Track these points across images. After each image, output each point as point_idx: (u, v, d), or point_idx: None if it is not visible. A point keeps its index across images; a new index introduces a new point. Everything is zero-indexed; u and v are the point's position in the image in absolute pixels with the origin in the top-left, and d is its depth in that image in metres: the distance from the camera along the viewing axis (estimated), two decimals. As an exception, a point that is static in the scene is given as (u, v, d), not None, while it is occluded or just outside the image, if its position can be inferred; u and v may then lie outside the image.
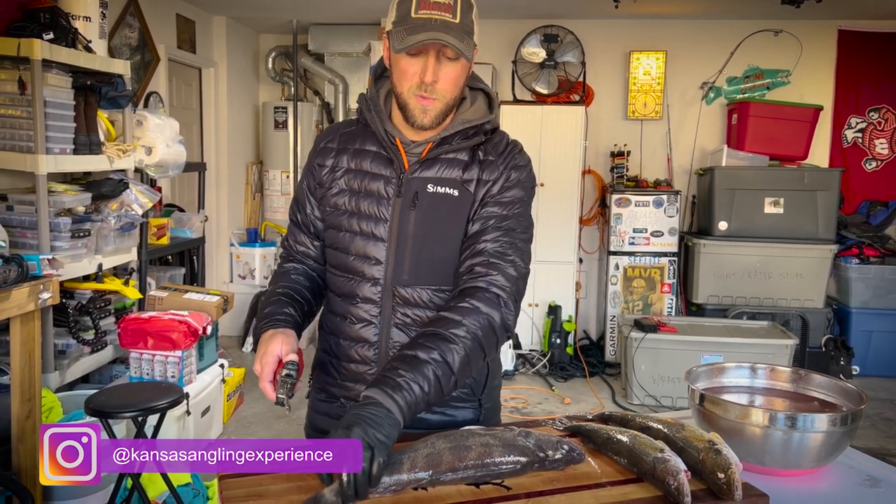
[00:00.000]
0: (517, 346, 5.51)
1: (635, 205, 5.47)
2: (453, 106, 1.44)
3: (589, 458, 1.24)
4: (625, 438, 1.23)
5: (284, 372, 1.31)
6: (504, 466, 1.15)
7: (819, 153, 5.77)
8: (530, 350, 5.58)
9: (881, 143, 5.85)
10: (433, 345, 1.26)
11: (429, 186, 1.45)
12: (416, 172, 1.46)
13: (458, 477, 1.14)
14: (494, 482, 1.15)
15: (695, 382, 1.51)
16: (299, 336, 1.45)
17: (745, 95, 5.82)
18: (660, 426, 1.27)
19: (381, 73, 1.55)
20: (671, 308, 5.54)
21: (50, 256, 2.81)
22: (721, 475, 1.10)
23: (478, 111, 1.49)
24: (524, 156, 1.50)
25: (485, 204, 1.44)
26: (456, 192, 1.45)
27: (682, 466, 1.11)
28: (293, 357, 1.34)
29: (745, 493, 1.11)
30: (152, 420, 2.73)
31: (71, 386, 3.31)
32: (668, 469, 1.11)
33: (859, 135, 5.86)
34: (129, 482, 2.75)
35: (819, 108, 5.48)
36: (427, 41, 1.32)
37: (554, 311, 5.42)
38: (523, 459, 1.16)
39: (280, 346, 1.35)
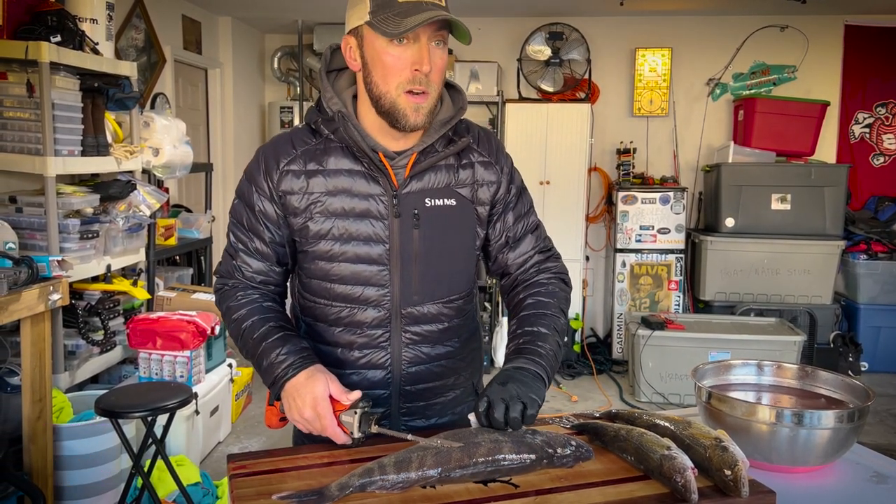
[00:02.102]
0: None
1: (642, 202, 5.46)
2: (439, 100, 1.35)
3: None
4: (632, 436, 1.23)
5: (360, 411, 1.24)
6: (513, 463, 1.16)
7: (826, 149, 5.75)
8: (537, 348, 5.58)
9: (889, 139, 5.82)
10: (547, 320, 1.39)
11: (426, 201, 1.38)
12: (409, 187, 1.37)
13: (468, 473, 1.14)
14: (502, 480, 1.15)
15: (701, 380, 1.51)
16: None
17: (752, 91, 5.80)
18: (667, 424, 1.27)
19: (329, 70, 1.43)
20: (678, 305, 5.53)
21: (59, 258, 2.83)
22: (728, 472, 1.10)
23: (448, 107, 1.40)
24: (501, 142, 1.54)
25: (503, 210, 1.48)
26: (453, 202, 1.40)
27: (689, 463, 1.12)
28: (357, 393, 1.26)
29: (752, 489, 1.11)
30: (161, 420, 2.74)
31: (80, 386, 3.33)
32: (675, 466, 1.11)
33: (867, 130, 5.84)
34: (139, 481, 2.77)
35: (826, 104, 5.46)
36: (433, 19, 1.21)
37: (561, 308, 5.41)
38: (532, 456, 1.17)
39: (325, 386, 1.26)
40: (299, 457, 1.26)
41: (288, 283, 1.53)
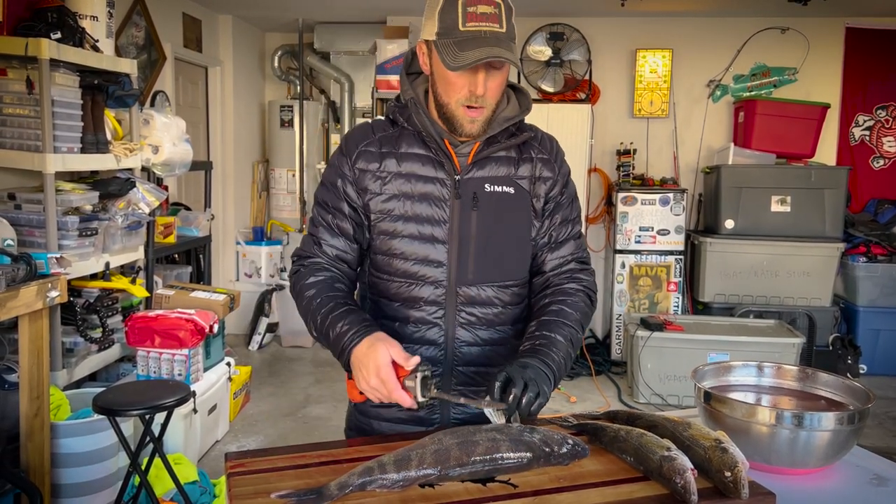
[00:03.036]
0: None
1: (641, 203, 5.46)
2: (496, 107, 1.46)
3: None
4: (631, 437, 1.23)
5: (420, 375, 1.29)
6: (511, 461, 1.16)
7: (826, 151, 5.75)
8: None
9: (889, 141, 5.82)
10: (565, 331, 1.44)
11: (486, 186, 1.48)
12: (471, 173, 1.48)
13: (467, 472, 1.14)
14: (501, 480, 1.15)
15: (701, 381, 1.51)
16: None
17: (752, 93, 5.80)
18: (666, 424, 1.27)
19: (410, 73, 1.55)
20: (677, 306, 5.53)
21: (58, 255, 2.83)
22: (728, 473, 1.10)
23: (514, 108, 1.52)
24: (562, 149, 1.62)
25: (554, 209, 1.55)
26: (512, 190, 1.50)
27: (689, 465, 1.11)
28: (416, 359, 1.31)
29: (752, 491, 1.10)
30: (159, 418, 2.74)
31: (78, 384, 3.33)
32: (675, 467, 1.11)
33: (867, 133, 5.84)
34: (136, 479, 2.76)
35: (826, 106, 5.46)
36: (485, 59, 1.32)
37: (560, 309, 5.40)
38: (529, 455, 1.17)
39: (386, 353, 1.30)
40: (298, 455, 1.26)
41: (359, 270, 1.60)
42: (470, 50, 1.32)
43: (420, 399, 1.29)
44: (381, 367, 1.29)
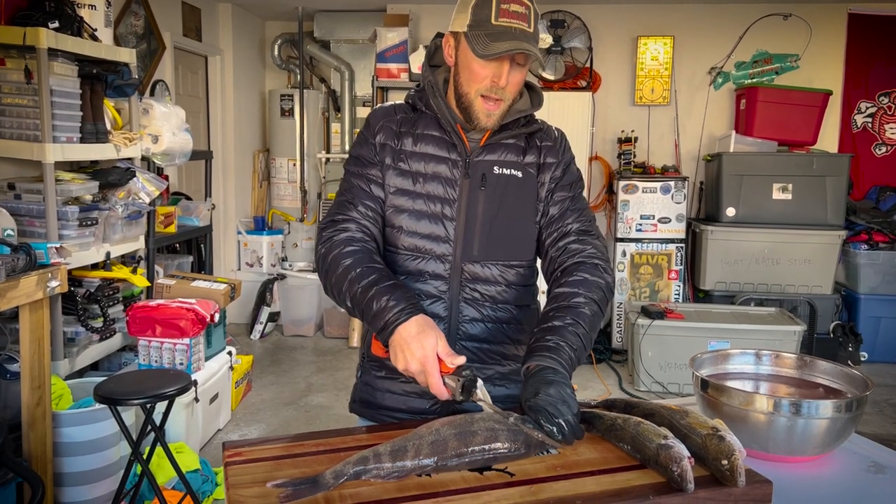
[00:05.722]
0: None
1: (642, 191, 5.45)
2: (511, 104, 1.53)
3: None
4: (628, 425, 1.23)
5: (463, 380, 1.27)
6: (510, 451, 1.16)
7: (828, 138, 5.74)
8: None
9: (891, 128, 5.80)
10: (564, 314, 1.40)
11: (494, 168, 1.55)
12: (481, 156, 1.55)
13: (465, 462, 1.14)
14: (497, 469, 1.15)
15: (699, 369, 1.51)
16: None
17: (754, 80, 5.78)
18: (664, 413, 1.27)
19: (431, 63, 1.62)
20: (678, 295, 5.53)
21: (58, 245, 2.83)
22: (724, 462, 1.10)
23: (526, 102, 1.60)
24: (567, 139, 1.67)
25: (554, 188, 1.60)
26: (519, 174, 1.57)
27: (686, 453, 1.11)
28: (462, 359, 1.29)
29: (749, 479, 1.11)
30: (161, 407, 2.75)
31: (80, 373, 3.34)
32: (672, 456, 1.11)
33: (869, 119, 5.81)
34: (138, 468, 2.77)
35: (828, 93, 5.43)
36: (514, 51, 1.40)
37: (561, 297, 5.40)
38: (526, 445, 1.18)
39: (435, 343, 1.29)
40: (295, 444, 1.26)
41: None
42: (501, 42, 1.41)
43: (458, 398, 1.27)
44: (429, 359, 1.28)
